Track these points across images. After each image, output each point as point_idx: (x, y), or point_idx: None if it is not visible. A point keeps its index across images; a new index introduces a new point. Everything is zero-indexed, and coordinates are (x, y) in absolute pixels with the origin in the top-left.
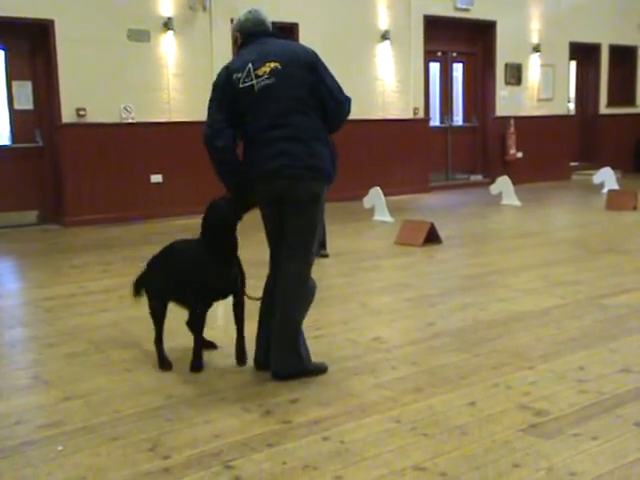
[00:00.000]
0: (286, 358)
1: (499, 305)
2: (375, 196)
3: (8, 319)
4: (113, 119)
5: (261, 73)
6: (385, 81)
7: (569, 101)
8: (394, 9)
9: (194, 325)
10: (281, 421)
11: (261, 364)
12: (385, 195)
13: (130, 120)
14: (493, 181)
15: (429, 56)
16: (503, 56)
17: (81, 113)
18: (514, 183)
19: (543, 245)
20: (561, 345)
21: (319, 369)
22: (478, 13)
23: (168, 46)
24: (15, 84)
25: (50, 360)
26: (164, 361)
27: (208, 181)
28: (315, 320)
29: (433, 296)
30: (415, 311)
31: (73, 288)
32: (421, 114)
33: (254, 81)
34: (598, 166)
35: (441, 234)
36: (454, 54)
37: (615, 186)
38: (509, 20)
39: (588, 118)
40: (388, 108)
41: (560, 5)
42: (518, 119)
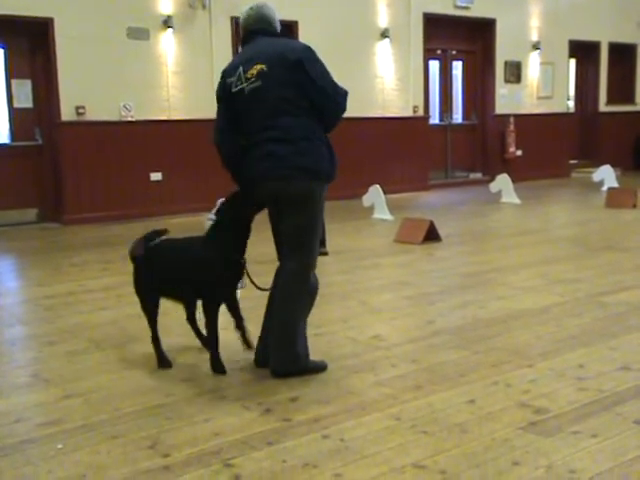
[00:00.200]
0: (283, 357)
1: (498, 303)
2: (375, 194)
3: (8, 317)
4: (112, 117)
5: (249, 76)
6: (385, 79)
7: (569, 99)
8: (394, 7)
9: (210, 322)
10: (281, 419)
11: (260, 361)
12: (385, 193)
13: (130, 118)
14: (493, 179)
15: (429, 54)
16: (503, 54)
17: (80, 111)
18: (514, 181)
19: (542, 243)
20: (561, 343)
21: (319, 367)
22: (478, 11)
23: (168, 44)
24: (14, 82)
25: (50, 358)
26: (163, 360)
27: (207, 179)
28: (315, 318)
29: (433, 294)
30: (415, 309)
31: (73, 286)
32: (421, 112)
33: (244, 84)
34: (598, 164)
35: (441, 232)
36: (454, 52)
37: (614, 184)
38: (509, 18)
39: (588, 116)
40: (388, 106)
41: (559, 3)
42: (518, 117)
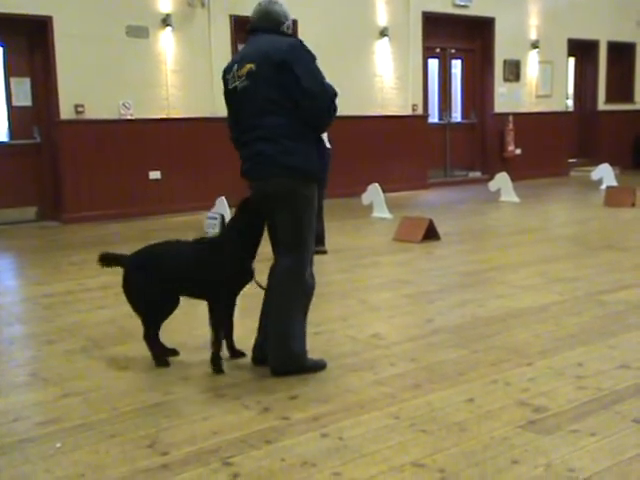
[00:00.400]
0: (280, 356)
1: (498, 301)
2: (374, 192)
3: (6, 316)
4: (111, 115)
5: (241, 75)
6: (384, 78)
7: (567, 97)
8: (393, 5)
9: (219, 319)
10: (280, 418)
11: (258, 359)
12: (384, 191)
13: (129, 116)
14: (492, 178)
15: (428, 53)
16: (502, 53)
17: (79, 109)
18: (513, 180)
19: (542, 241)
20: (560, 341)
21: (318, 366)
22: (477, 10)
23: (167, 42)
24: (13, 80)
25: (48, 357)
26: (160, 358)
27: (206, 178)
28: (314, 316)
29: (432, 292)
30: (414, 307)
31: (72, 285)
32: (420, 111)
33: (237, 82)
34: (596, 162)
35: (440, 230)
36: (453, 51)
37: (613, 182)
38: (508, 17)
39: (586, 114)
40: (387, 105)
41: (558, 1)
42: (517, 116)
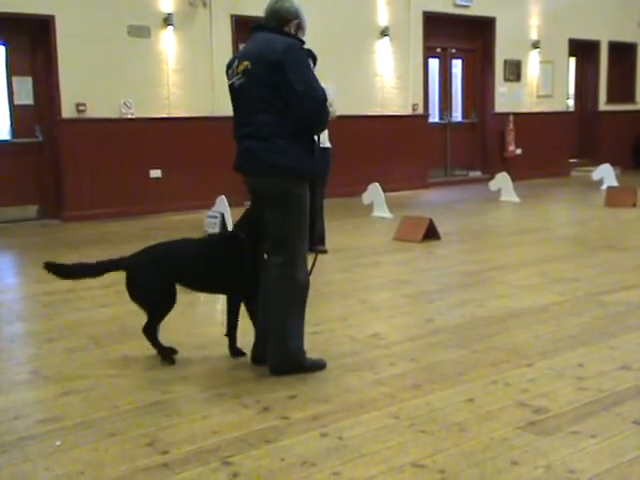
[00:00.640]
0: (278, 355)
1: (498, 301)
2: (374, 192)
3: (7, 314)
4: (113, 114)
5: (238, 72)
6: (384, 77)
7: (568, 98)
8: (393, 5)
9: (232, 310)
10: (279, 417)
11: (257, 359)
12: (384, 191)
13: (130, 116)
14: (492, 177)
15: (428, 52)
16: (502, 52)
17: (81, 108)
18: (513, 179)
19: (542, 242)
20: (560, 342)
21: (317, 365)
22: (477, 9)
23: (168, 42)
24: (15, 79)
25: (49, 355)
26: (166, 355)
27: (207, 176)
28: (314, 316)
29: (432, 292)
30: (414, 307)
31: (72, 283)
32: (420, 110)
33: (235, 79)
34: (597, 163)
35: (440, 230)
36: (453, 50)
37: (614, 183)
38: (508, 16)
39: (587, 115)
40: (387, 104)
41: (559, 1)
42: (517, 115)
